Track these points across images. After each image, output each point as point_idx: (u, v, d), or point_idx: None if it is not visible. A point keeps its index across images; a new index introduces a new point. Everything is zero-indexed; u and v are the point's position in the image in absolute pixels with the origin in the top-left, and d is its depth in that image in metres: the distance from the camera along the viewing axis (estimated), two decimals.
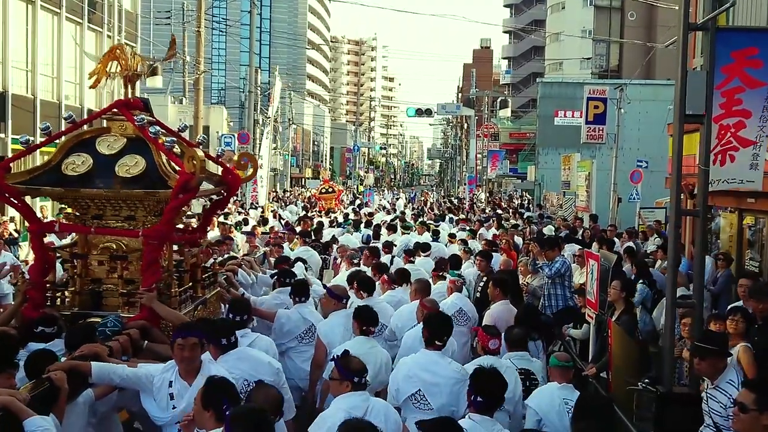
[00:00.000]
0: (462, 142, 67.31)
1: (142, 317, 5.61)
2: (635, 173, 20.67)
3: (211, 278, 6.99)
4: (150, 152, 5.89)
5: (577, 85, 32.48)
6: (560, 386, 5.11)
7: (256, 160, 7.53)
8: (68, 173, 5.78)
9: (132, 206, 5.92)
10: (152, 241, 5.68)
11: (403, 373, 5.23)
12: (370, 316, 5.83)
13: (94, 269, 6.04)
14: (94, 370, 4.49)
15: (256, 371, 5.02)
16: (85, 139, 6.07)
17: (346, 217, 19.78)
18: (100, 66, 6.32)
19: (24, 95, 20.83)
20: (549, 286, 9.59)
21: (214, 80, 71.17)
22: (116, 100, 6.34)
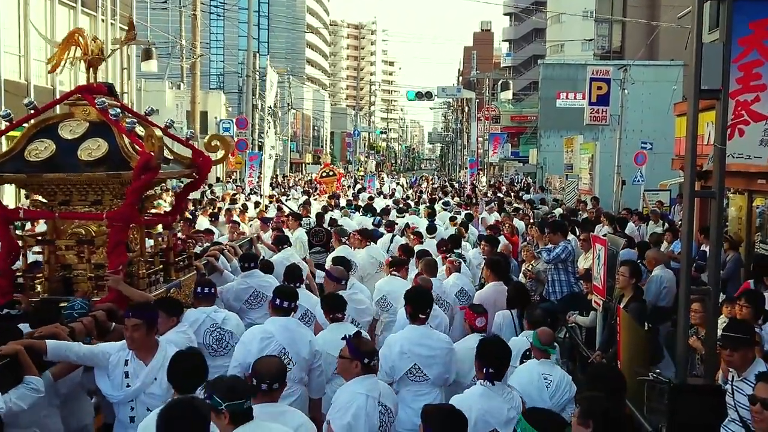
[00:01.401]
0: (463, 126, 66.86)
1: (109, 299, 5.63)
2: (639, 155, 20.34)
3: (186, 261, 7.04)
4: (113, 135, 5.92)
5: (579, 66, 32.06)
6: (539, 362, 5.18)
7: (228, 143, 7.48)
8: (31, 159, 5.79)
9: (98, 190, 5.97)
10: (116, 223, 5.72)
11: (396, 350, 5.32)
12: (340, 303, 5.88)
13: (64, 255, 6.05)
14: (49, 347, 4.51)
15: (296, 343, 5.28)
16: (48, 125, 6.09)
17: (349, 203, 19.57)
18: (59, 51, 6.33)
19: (17, 81, 20.40)
20: (552, 271, 9.32)
21: (213, 65, 70.63)
22: (78, 86, 6.45)
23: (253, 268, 7.54)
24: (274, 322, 5.47)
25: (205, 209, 16.26)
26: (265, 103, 33.62)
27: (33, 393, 4.23)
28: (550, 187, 28.91)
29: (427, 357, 5.33)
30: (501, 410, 4.38)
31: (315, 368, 5.43)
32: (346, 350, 4.46)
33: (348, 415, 4.23)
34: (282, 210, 15.68)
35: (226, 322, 6.07)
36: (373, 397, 4.31)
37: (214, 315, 6.05)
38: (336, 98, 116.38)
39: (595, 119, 20.34)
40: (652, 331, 6.58)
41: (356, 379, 4.39)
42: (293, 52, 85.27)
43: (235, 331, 6.04)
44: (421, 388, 5.31)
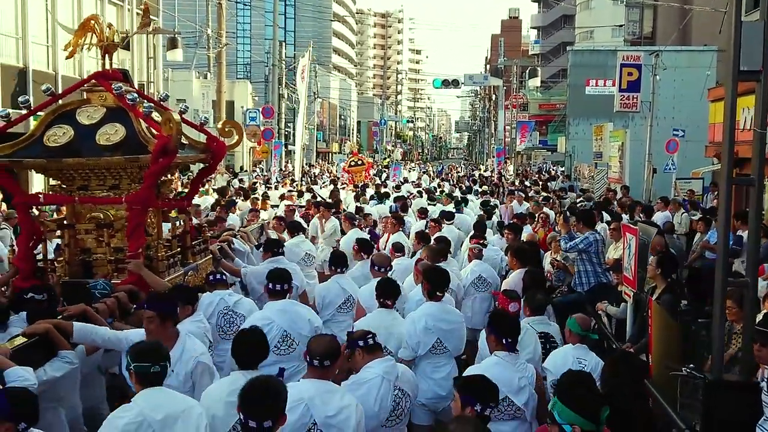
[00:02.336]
0: (490, 115, 66.28)
1: (130, 282, 5.75)
2: (671, 142, 19.84)
3: (202, 245, 7.23)
4: (130, 120, 6.02)
5: (609, 52, 31.44)
6: (574, 347, 5.33)
7: (242, 128, 7.58)
8: (50, 145, 5.88)
9: (116, 175, 6.05)
10: (135, 206, 5.81)
11: (421, 326, 5.61)
12: (390, 289, 5.86)
13: (83, 239, 6.17)
14: (75, 329, 4.60)
15: (296, 324, 5.45)
16: (66, 111, 6.17)
17: (377, 189, 19.54)
18: (74, 38, 6.43)
19: (45, 71, 20.42)
20: (578, 262, 9.10)
21: (239, 55, 70.73)
22: (94, 72, 6.48)
23: (279, 254, 7.59)
24: (271, 307, 5.63)
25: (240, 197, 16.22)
26: (296, 92, 33.56)
27: (67, 364, 4.43)
28: (578, 175, 28.45)
29: (448, 331, 5.68)
30: (513, 379, 4.60)
31: None
32: (343, 347, 4.48)
33: (357, 393, 4.28)
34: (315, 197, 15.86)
35: (238, 305, 6.12)
36: (389, 380, 4.38)
37: (228, 298, 6.12)
38: (363, 87, 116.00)
39: (625, 106, 19.94)
40: (685, 325, 6.31)
41: (376, 361, 4.45)
42: (319, 41, 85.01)
43: (247, 315, 6.04)
44: (439, 360, 5.64)
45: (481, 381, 3.88)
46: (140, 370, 3.84)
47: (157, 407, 3.79)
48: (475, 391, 3.75)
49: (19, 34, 19.56)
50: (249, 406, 3.37)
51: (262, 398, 3.38)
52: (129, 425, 3.68)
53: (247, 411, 3.35)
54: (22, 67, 19.58)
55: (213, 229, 9.50)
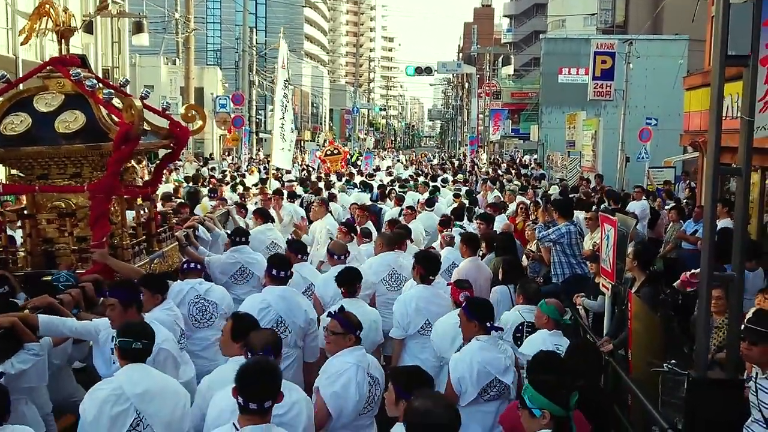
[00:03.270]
0: (463, 103, 66.12)
1: (94, 271, 5.69)
2: (644, 131, 19.80)
3: (168, 232, 7.12)
4: (89, 107, 5.90)
5: (581, 41, 31.41)
6: (551, 333, 5.34)
7: (204, 113, 7.43)
8: (7, 133, 5.76)
9: (76, 163, 5.95)
10: (98, 194, 5.73)
11: (411, 308, 5.93)
12: (354, 277, 5.92)
13: (45, 229, 6.07)
14: (41, 321, 4.56)
15: (292, 312, 5.47)
16: (23, 99, 6.05)
17: (350, 177, 19.42)
18: (29, 23, 6.31)
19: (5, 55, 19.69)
20: (553, 253, 8.91)
21: (210, 41, 69.64)
22: (51, 58, 6.43)
23: (243, 243, 7.49)
24: (271, 292, 5.61)
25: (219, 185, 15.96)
26: (268, 79, 33.04)
27: (34, 357, 4.42)
28: (551, 164, 28.40)
29: (437, 313, 5.85)
30: (498, 360, 4.72)
31: (309, 334, 5.60)
32: (338, 325, 4.49)
33: (337, 384, 4.30)
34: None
35: (209, 293, 6.07)
36: (363, 368, 4.39)
37: (199, 286, 6.05)
38: (335, 75, 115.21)
39: (598, 94, 19.85)
40: (667, 319, 6.13)
41: (345, 351, 4.45)
42: (291, 27, 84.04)
43: (219, 302, 6.05)
44: (426, 342, 5.81)
45: (412, 372, 3.87)
46: (123, 345, 3.98)
47: (137, 382, 3.93)
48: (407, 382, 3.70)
49: None
50: (248, 389, 3.38)
51: (261, 380, 3.41)
52: (108, 397, 3.84)
53: (246, 394, 3.37)
54: None
55: (178, 215, 9.30)
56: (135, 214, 6.72)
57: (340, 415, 4.32)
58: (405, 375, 3.81)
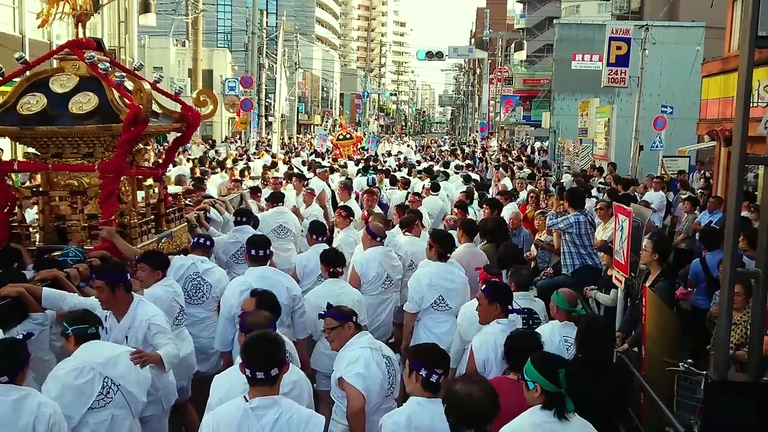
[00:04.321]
0: (474, 89, 65.57)
1: (102, 248, 5.87)
2: (659, 119, 19.34)
3: (177, 213, 7.32)
4: (103, 89, 6.10)
5: (596, 27, 30.81)
6: (561, 324, 5.23)
7: (216, 98, 7.61)
8: (23, 113, 5.96)
9: (89, 143, 6.15)
10: (108, 174, 5.94)
11: (425, 283, 6.14)
12: (337, 258, 6.06)
13: (58, 206, 6.30)
14: (44, 294, 4.73)
15: (274, 290, 5.18)
16: (39, 80, 6.27)
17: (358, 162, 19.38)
18: (47, 6, 6.49)
19: (11, 34, 19.49)
20: (563, 243, 8.65)
21: (221, 23, 69.19)
22: (68, 41, 6.57)
23: (245, 223, 7.76)
24: (252, 272, 5.77)
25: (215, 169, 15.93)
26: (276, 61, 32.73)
27: (38, 326, 4.62)
28: (563, 151, 27.99)
29: (450, 290, 6.14)
30: None
31: (296, 310, 5.74)
32: (332, 320, 4.52)
33: (359, 366, 4.29)
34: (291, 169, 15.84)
35: (208, 273, 6.23)
36: (376, 350, 4.42)
37: (200, 264, 6.23)
38: (346, 59, 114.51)
39: (613, 81, 19.41)
40: (682, 314, 5.83)
41: (354, 337, 4.47)
42: (302, 10, 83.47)
43: (215, 285, 6.18)
44: (441, 317, 6.09)
45: (429, 348, 3.90)
46: (79, 332, 4.16)
47: (97, 354, 4.14)
48: (422, 356, 3.76)
49: None
50: (255, 360, 3.46)
51: (266, 349, 3.50)
52: (70, 372, 4.03)
53: (253, 365, 3.45)
54: None
55: (190, 196, 9.58)
56: (144, 195, 6.98)
57: (370, 397, 4.28)
58: (421, 351, 3.85)
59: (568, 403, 3.53)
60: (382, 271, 6.78)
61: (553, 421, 3.49)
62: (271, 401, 3.47)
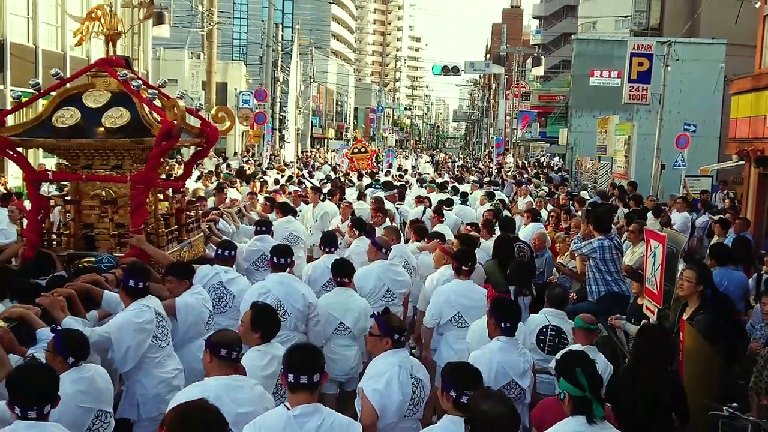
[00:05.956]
0: (489, 104, 65.19)
1: (132, 255, 6.16)
2: (681, 138, 18.84)
3: (195, 223, 7.73)
4: (133, 105, 6.44)
5: (614, 42, 30.43)
6: (582, 348, 5.18)
7: (233, 114, 7.91)
8: (58, 126, 6.31)
9: (119, 155, 6.49)
10: (139, 185, 6.28)
11: (443, 299, 6.30)
12: (346, 268, 6.32)
13: (87, 214, 6.63)
14: (104, 296, 5.19)
15: (290, 296, 5.87)
16: (72, 95, 6.59)
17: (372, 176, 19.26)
18: (82, 27, 6.87)
19: (25, 44, 19.56)
20: (588, 268, 8.20)
21: (236, 36, 69.32)
22: (99, 59, 6.93)
23: (265, 233, 8.18)
24: (271, 278, 6.07)
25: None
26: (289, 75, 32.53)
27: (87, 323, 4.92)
28: (580, 169, 27.51)
29: (469, 307, 6.24)
30: (517, 363, 4.83)
31: (311, 318, 5.98)
32: (376, 327, 4.51)
33: (381, 382, 4.28)
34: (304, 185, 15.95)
35: (231, 282, 6.41)
36: (406, 369, 4.37)
37: (224, 274, 6.42)
38: (361, 73, 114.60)
39: (634, 98, 18.95)
40: (726, 352, 5.35)
41: (388, 352, 4.43)
42: (318, 24, 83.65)
43: (238, 294, 6.31)
44: (461, 332, 6.09)
45: (460, 368, 3.88)
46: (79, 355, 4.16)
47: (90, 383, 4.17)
48: (452, 377, 3.77)
49: (30, 14, 19.59)
50: (299, 366, 3.57)
51: (310, 355, 3.65)
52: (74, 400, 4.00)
53: (297, 370, 3.56)
54: (32, 46, 19.66)
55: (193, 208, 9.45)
56: (168, 205, 7.31)
57: (384, 415, 4.28)
58: (452, 371, 3.83)
59: (596, 408, 3.50)
60: (381, 285, 6.95)
61: (584, 429, 3.48)
62: (313, 408, 3.57)
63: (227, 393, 3.84)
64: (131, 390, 4.97)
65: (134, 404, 4.93)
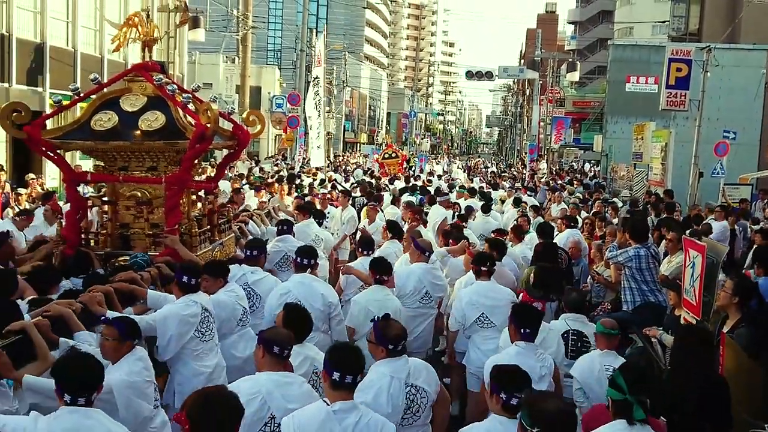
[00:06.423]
0: (523, 110, 64.76)
1: (166, 254, 6.36)
2: (720, 145, 18.45)
3: (227, 224, 7.87)
4: (168, 109, 6.62)
5: (651, 48, 29.97)
6: (602, 353, 5.30)
7: (264, 118, 7.97)
8: (96, 128, 6.50)
9: (154, 157, 6.65)
10: (173, 186, 6.45)
11: (465, 301, 6.40)
12: (384, 267, 6.34)
13: (123, 215, 6.83)
14: (149, 294, 5.42)
15: (310, 296, 5.91)
16: (110, 99, 6.81)
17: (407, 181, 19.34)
18: (120, 33, 7.10)
19: (64, 47, 19.89)
20: (623, 277, 8.02)
21: (271, 41, 69.89)
22: (135, 64, 7.21)
23: (287, 233, 8.26)
24: (293, 279, 6.18)
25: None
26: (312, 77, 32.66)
27: None
28: (614, 176, 27.13)
29: (492, 306, 6.33)
30: (534, 368, 4.73)
31: (333, 317, 6.09)
32: (372, 335, 4.44)
33: (369, 395, 4.21)
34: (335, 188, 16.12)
35: (258, 283, 6.51)
36: (399, 379, 4.31)
37: (251, 275, 6.52)
38: (394, 78, 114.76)
39: (672, 104, 18.61)
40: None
41: (383, 361, 4.37)
42: (352, 29, 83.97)
43: (263, 295, 6.38)
44: (487, 333, 6.27)
45: (509, 371, 3.93)
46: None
47: None
48: (501, 380, 3.84)
49: (70, 18, 19.94)
50: (347, 366, 3.69)
51: (356, 356, 3.77)
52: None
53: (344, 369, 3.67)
54: (71, 50, 19.90)
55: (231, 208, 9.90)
56: (201, 206, 7.49)
57: None
58: (501, 374, 3.90)
59: (636, 410, 3.52)
60: (421, 287, 7.02)
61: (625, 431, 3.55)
62: (351, 405, 3.70)
63: (278, 388, 3.95)
64: (172, 378, 5.23)
65: (172, 392, 5.15)
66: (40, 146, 6.53)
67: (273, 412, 3.89)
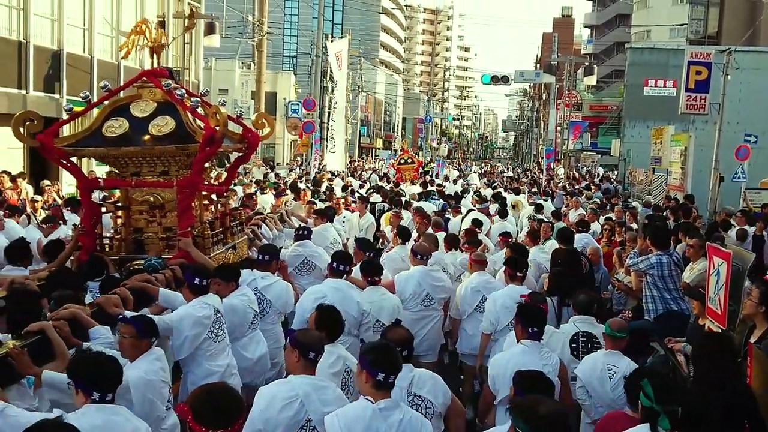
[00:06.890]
0: (540, 114, 64.42)
1: (180, 257, 6.46)
2: (741, 149, 18.14)
3: (239, 227, 7.96)
4: (178, 113, 6.70)
5: (669, 51, 29.56)
6: (606, 353, 5.34)
7: (273, 120, 8.07)
8: (108, 135, 6.59)
9: (165, 162, 6.72)
10: (185, 189, 6.56)
11: (499, 304, 6.49)
12: (374, 269, 6.54)
13: (136, 219, 6.92)
14: (160, 293, 5.55)
15: (345, 302, 5.88)
16: (121, 105, 6.87)
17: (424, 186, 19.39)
18: (128, 40, 7.18)
19: (81, 54, 20.01)
20: (645, 285, 7.86)
21: (286, 46, 70.03)
22: (143, 70, 7.31)
23: (306, 237, 8.30)
24: (327, 283, 6.28)
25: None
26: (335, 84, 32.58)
27: None
28: (633, 180, 26.82)
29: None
30: (536, 366, 4.71)
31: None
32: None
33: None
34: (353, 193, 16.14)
35: (267, 288, 6.48)
36: (400, 387, 4.25)
37: (260, 280, 6.51)
38: (409, 83, 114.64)
39: (691, 108, 18.34)
40: None
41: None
42: (367, 34, 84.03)
43: (273, 301, 6.46)
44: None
45: (535, 377, 4.03)
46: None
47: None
48: (523, 385, 3.96)
49: (86, 25, 20.12)
50: (391, 367, 3.79)
51: (396, 358, 3.87)
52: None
53: (388, 370, 3.77)
54: (87, 56, 20.09)
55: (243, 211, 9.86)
56: (214, 209, 7.59)
57: None
58: (525, 378, 4.04)
59: (662, 420, 3.54)
60: (420, 290, 7.06)
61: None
62: (394, 403, 3.81)
63: (315, 392, 4.01)
64: (185, 378, 5.36)
65: (186, 392, 5.22)
66: (54, 154, 6.63)
67: (310, 415, 3.95)
